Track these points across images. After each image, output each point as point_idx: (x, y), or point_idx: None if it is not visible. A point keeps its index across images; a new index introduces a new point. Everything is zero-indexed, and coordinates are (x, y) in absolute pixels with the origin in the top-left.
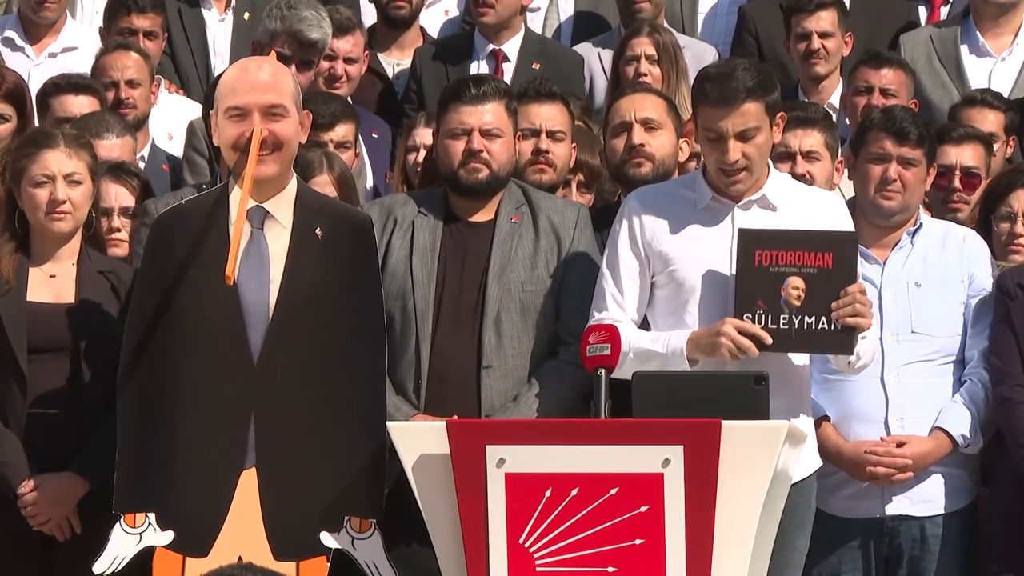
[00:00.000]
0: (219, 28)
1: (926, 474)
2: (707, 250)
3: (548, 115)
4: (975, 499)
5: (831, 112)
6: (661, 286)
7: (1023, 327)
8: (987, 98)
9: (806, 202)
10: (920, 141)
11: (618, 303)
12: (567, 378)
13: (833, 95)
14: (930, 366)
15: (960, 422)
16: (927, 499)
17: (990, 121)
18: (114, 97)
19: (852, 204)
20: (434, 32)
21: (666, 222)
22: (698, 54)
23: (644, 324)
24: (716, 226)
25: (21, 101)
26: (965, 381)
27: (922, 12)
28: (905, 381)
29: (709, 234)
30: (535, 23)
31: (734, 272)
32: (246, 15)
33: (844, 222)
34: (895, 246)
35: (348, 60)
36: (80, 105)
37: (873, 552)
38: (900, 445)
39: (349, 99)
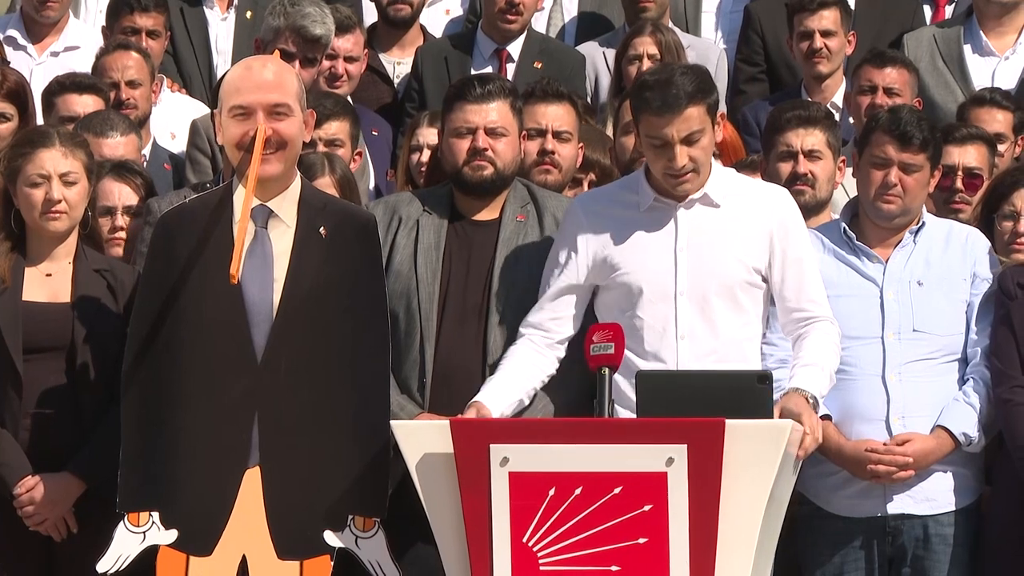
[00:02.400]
0: (221, 27)
1: (929, 473)
2: (652, 253)
3: (555, 115)
4: (979, 498)
5: (834, 111)
6: (610, 289)
7: (1023, 327)
8: (996, 97)
9: (749, 196)
10: (924, 146)
11: (542, 309)
12: (571, 378)
13: (836, 94)
14: (932, 365)
15: (962, 420)
16: (930, 498)
17: (998, 121)
18: (115, 97)
19: (855, 202)
20: (437, 31)
21: (610, 228)
22: (703, 53)
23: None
24: (660, 228)
25: (23, 100)
26: (967, 380)
27: (927, 11)
28: (907, 380)
29: (654, 237)
30: (539, 22)
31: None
32: (248, 14)
33: (790, 213)
34: (897, 245)
35: (348, 59)
36: (84, 104)
37: (876, 552)
38: (901, 444)
39: (349, 98)
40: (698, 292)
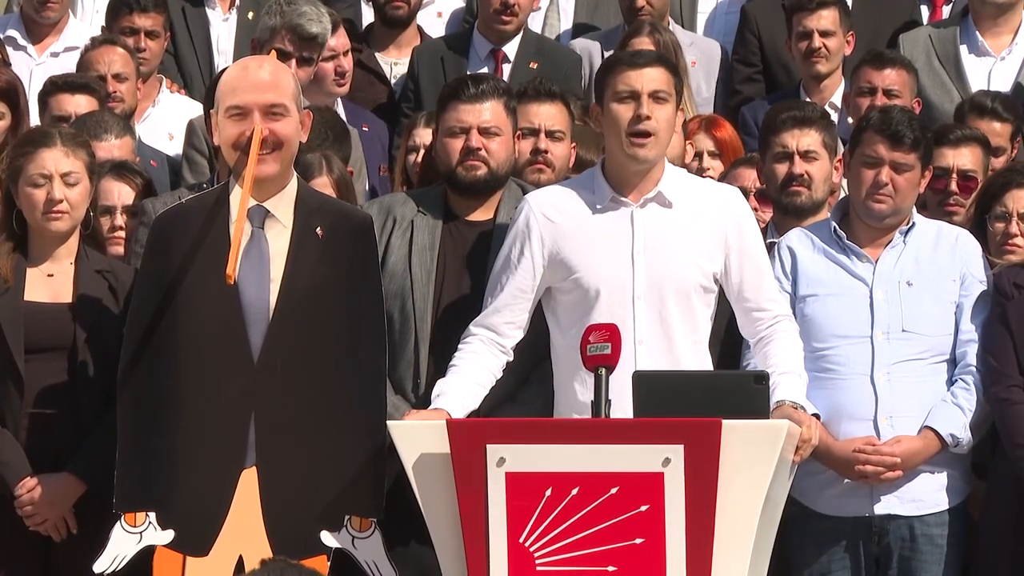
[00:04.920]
0: (223, 27)
1: (916, 473)
2: (609, 255)
3: (547, 114)
4: (966, 498)
5: (833, 111)
6: (565, 292)
7: (1019, 327)
8: (996, 108)
9: (702, 196)
10: (915, 145)
11: (497, 312)
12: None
13: (835, 94)
14: (921, 365)
15: (949, 421)
16: (916, 498)
17: (998, 134)
18: (104, 93)
19: (846, 202)
20: (434, 32)
21: (566, 227)
22: (705, 51)
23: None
24: (616, 228)
25: (14, 99)
26: (956, 380)
27: (924, 11)
28: (895, 380)
29: (610, 237)
30: (534, 23)
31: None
32: (250, 14)
33: (743, 213)
34: (887, 245)
35: (345, 53)
36: (77, 104)
37: (862, 551)
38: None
39: (342, 108)
40: (655, 296)
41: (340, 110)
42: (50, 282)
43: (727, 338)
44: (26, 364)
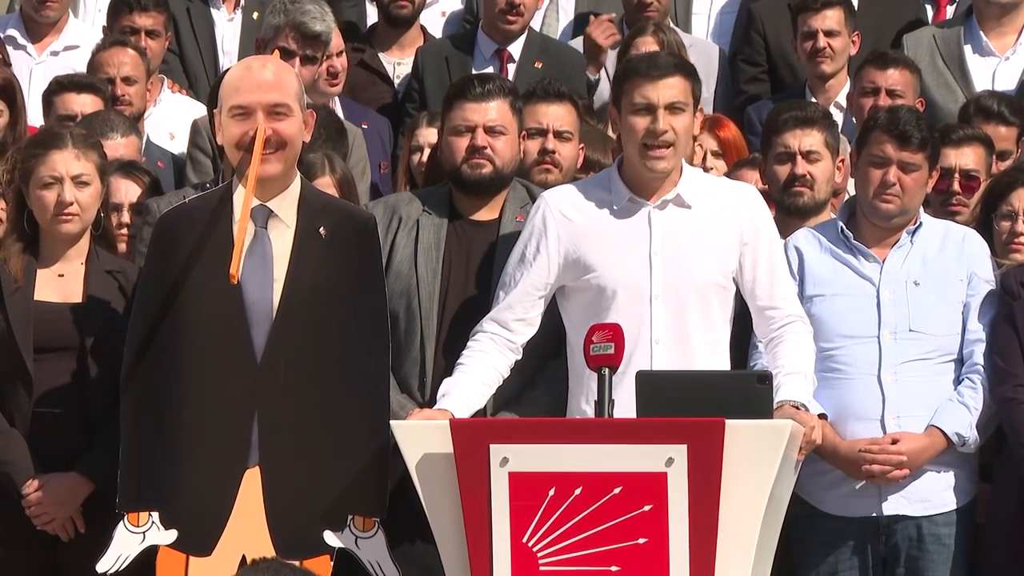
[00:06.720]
0: (228, 27)
1: (923, 473)
2: (626, 255)
3: (556, 115)
4: (973, 498)
5: (838, 111)
6: (580, 291)
7: None
8: (1003, 112)
9: (719, 196)
10: (922, 145)
11: (509, 308)
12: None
13: (840, 94)
14: (928, 365)
15: (955, 420)
16: (924, 498)
17: (1004, 138)
18: (110, 93)
19: (853, 201)
20: (437, 32)
21: (582, 227)
22: (703, 52)
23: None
24: (634, 229)
25: (11, 96)
26: (963, 379)
27: (929, 11)
28: (902, 379)
29: (627, 237)
30: (535, 21)
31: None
32: (255, 15)
33: (759, 212)
34: (895, 245)
35: (339, 54)
36: (83, 104)
37: (870, 552)
38: (894, 442)
39: (339, 106)
40: (672, 296)
41: (339, 109)
42: (60, 282)
43: (736, 339)
44: (36, 363)
